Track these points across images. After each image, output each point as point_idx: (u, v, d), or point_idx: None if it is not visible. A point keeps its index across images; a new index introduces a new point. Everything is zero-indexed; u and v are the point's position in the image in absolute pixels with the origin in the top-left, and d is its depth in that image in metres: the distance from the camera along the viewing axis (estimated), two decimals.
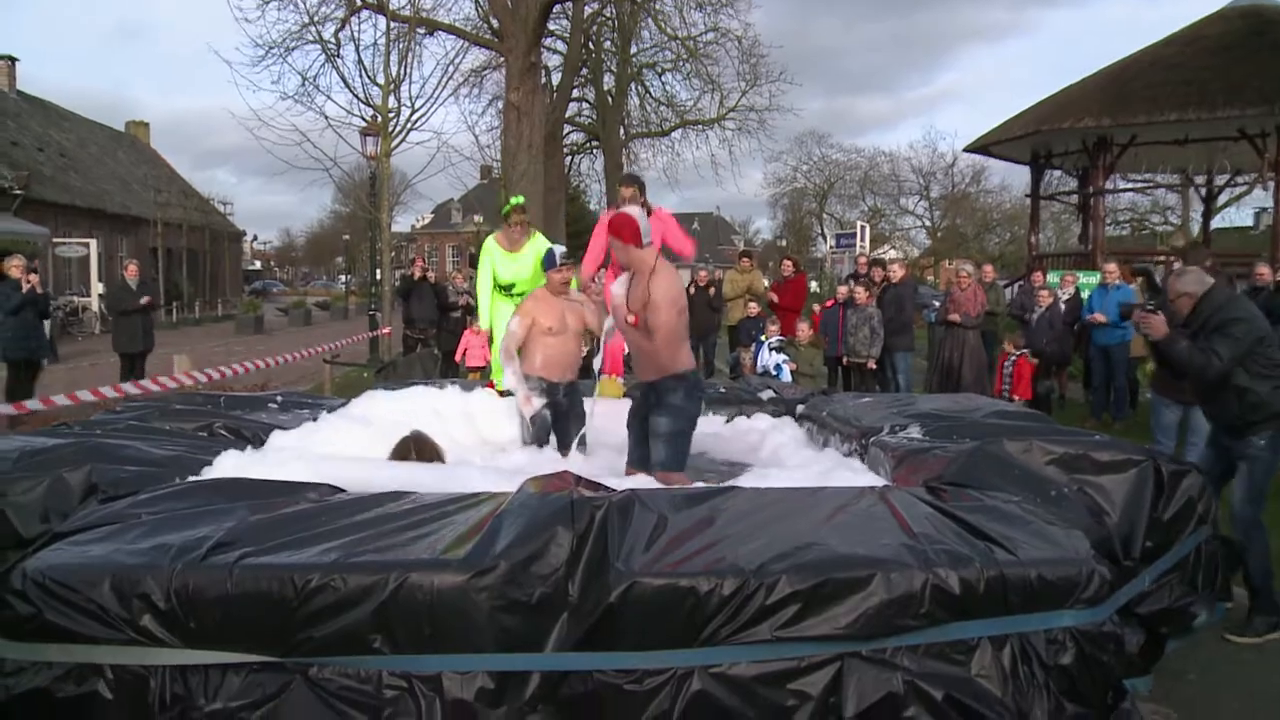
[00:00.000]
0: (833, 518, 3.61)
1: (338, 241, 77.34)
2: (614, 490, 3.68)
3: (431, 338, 15.38)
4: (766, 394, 7.78)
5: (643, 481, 4.63)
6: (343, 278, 69.51)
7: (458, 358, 13.34)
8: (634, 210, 5.36)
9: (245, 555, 3.28)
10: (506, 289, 8.19)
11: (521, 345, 6.27)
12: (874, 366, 12.18)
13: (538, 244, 8.10)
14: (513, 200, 8.19)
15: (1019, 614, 3.45)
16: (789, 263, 14.83)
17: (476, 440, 6.39)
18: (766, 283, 16.85)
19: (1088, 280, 14.63)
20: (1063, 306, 12.82)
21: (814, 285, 30.43)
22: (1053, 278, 15.14)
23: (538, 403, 6.14)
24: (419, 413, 6.41)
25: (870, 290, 12.63)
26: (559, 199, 26.83)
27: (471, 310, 14.50)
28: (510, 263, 8.14)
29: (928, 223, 51.65)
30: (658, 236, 6.46)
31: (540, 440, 6.15)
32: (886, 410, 6.11)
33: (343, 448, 5.32)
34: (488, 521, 3.44)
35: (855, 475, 5.04)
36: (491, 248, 8.22)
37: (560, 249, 6.46)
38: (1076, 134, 19.75)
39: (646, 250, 5.28)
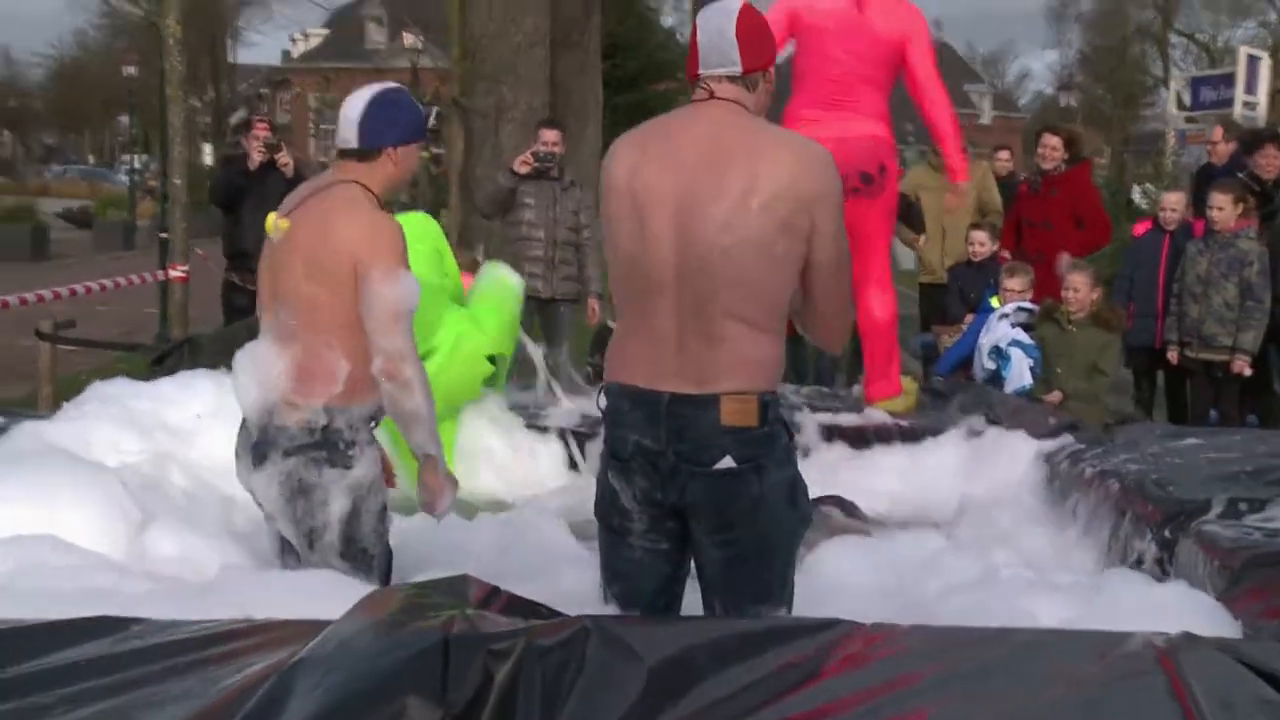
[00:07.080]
0: (1048, 693, 1.73)
1: (116, 82, 35.43)
2: (552, 615, 1.82)
3: None
4: (969, 422, 4.98)
5: None
6: (127, 161, 35.55)
7: None
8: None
9: None
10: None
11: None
12: (1245, 370, 6.23)
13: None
14: None
15: None
16: (1053, 140, 7.21)
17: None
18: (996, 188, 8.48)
19: None
20: None
21: (1136, 196, 14.69)
22: None
23: None
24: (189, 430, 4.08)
25: (1246, 203, 6.32)
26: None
27: None
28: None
29: None
30: None
31: None
32: (1238, 464, 3.61)
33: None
34: (260, 686, 1.68)
35: (1137, 604, 2.64)
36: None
37: None
38: None
39: None
